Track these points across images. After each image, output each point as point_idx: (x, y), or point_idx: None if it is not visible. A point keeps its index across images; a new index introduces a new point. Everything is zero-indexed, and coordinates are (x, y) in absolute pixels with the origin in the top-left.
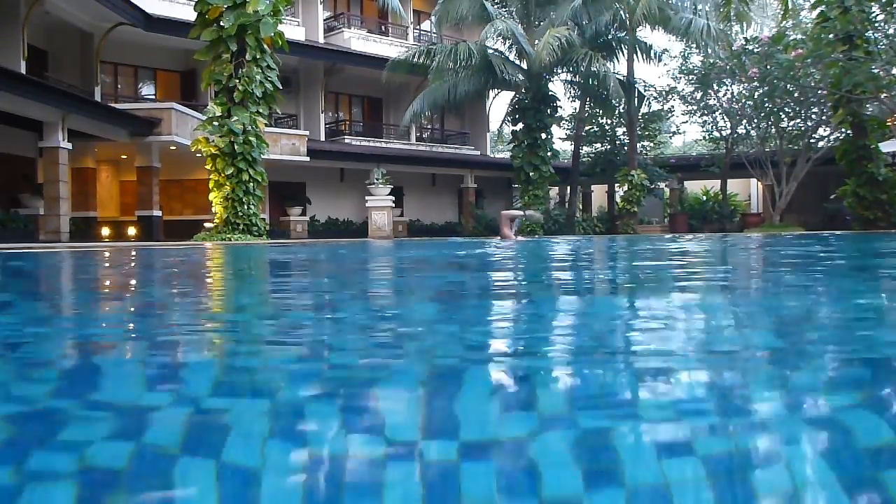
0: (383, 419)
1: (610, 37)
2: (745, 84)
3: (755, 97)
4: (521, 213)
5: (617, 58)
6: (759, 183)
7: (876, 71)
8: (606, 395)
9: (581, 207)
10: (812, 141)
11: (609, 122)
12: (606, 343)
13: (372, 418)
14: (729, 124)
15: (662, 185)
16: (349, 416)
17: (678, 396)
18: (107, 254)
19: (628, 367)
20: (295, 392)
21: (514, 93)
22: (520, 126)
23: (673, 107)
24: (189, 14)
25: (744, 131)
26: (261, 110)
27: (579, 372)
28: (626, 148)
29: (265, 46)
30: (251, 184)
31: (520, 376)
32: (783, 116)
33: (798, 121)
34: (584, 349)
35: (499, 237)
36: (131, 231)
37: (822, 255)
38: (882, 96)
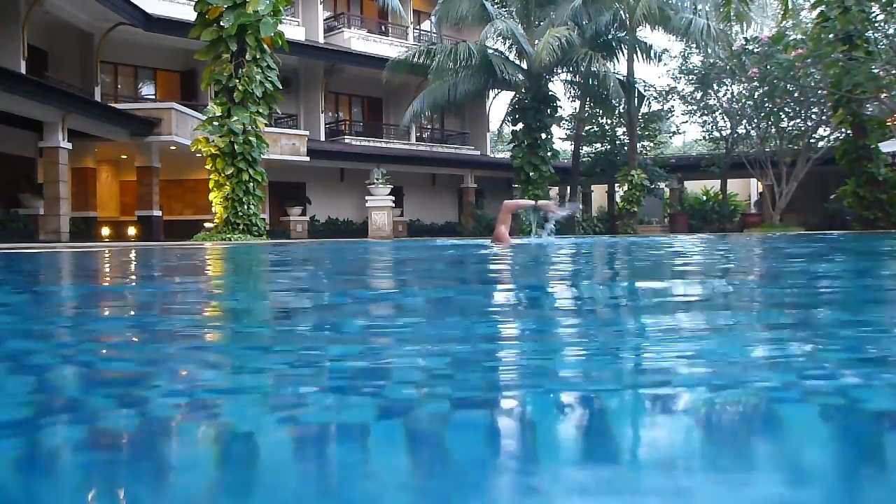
0: None
1: (610, 37)
2: (745, 84)
3: (755, 97)
4: (531, 202)
5: (617, 58)
6: (759, 183)
7: (876, 71)
8: None
9: (581, 207)
10: (812, 141)
11: (609, 122)
12: None
13: None
14: (729, 124)
15: (662, 185)
16: None
17: None
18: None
19: None
20: None
21: (514, 93)
22: (520, 126)
23: (673, 107)
24: (189, 14)
25: (744, 131)
26: (261, 110)
27: None
28: (626, 148)
29: (265, 46)
30: (251, 184)
31: None
32: (783, 116)
33: (798, 121)
34: None
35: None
36: (131, 231)
37: None
38: (882, 96)
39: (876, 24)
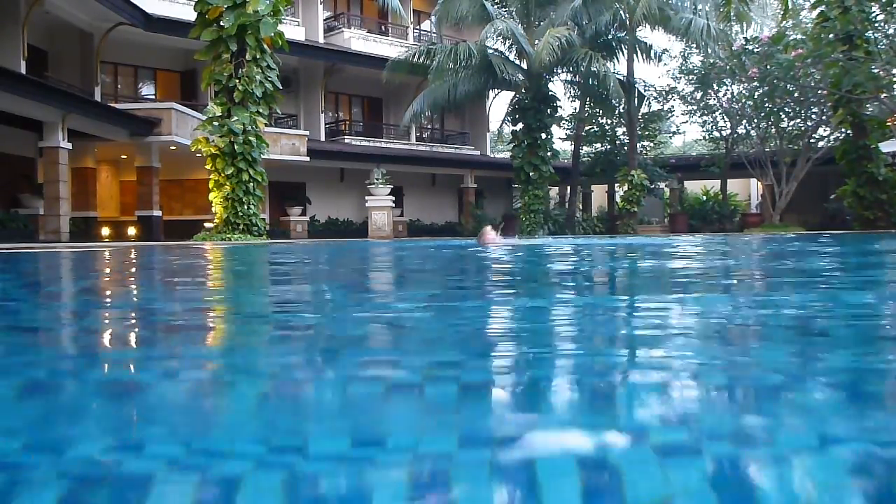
0: None
1: (610, 37)
2: (745, 84)
3: (755, 97)
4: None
5: (617, 58)
6: (759, 183)
7: (876, 71)
8: None
9: (581, 207)
10: (812, 141)
11: (609, 122)
12: None
13: None
14: (729, 124)
15: (662, 185)
16: None
17: None
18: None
19: None
20: None
21: (514, 93)
22: (520, 126)
23: (673, 107)
24: (189, 14)
25: (744, 131)
26: (261, 110)
27: None
28: (626, 148)
29: (265, 46)
30: (251, 184)
31: None
32: (783, 116)
33: (798, 121)
34: None
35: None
36: (131, 231)
37: None
38: (882, 96)
39: (876, 24)
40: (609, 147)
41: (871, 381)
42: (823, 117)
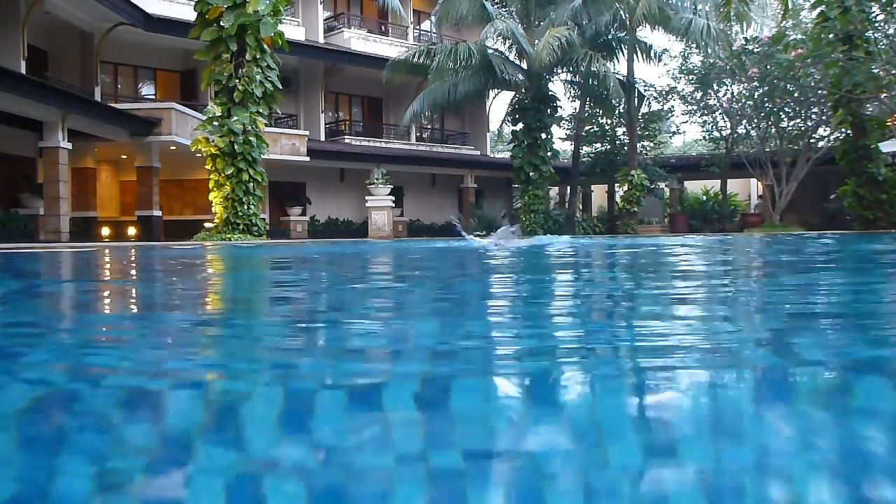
0: None
1: (610, 37)
2: (745, 84)
3: (755, 97)
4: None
5: (617, 58)
6: (759, 183)
7: (876, 71)
8: None
9: (581, 207)
10: (812, 141)
11: (609, 122)
12: None
13: None
14: (729, 124)
15: (662, 185)
16: None
17: None
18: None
19: None
20: None
21: (514, 93)
22: (520, 126)
23: (673, 107)
24: (189, 14)
25: (744, 131)
26: (261, 110)
27: None
28: (626, 148)
29: (265, 46)
30: (251, 184)
31: None
32: (783, 116)
33: (798, 121)
34: None
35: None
36: (131, 231)
37: None
38: (882, 96)
39: (876, 24)
40: (609, 147)
41: None
42: (823, 117)
